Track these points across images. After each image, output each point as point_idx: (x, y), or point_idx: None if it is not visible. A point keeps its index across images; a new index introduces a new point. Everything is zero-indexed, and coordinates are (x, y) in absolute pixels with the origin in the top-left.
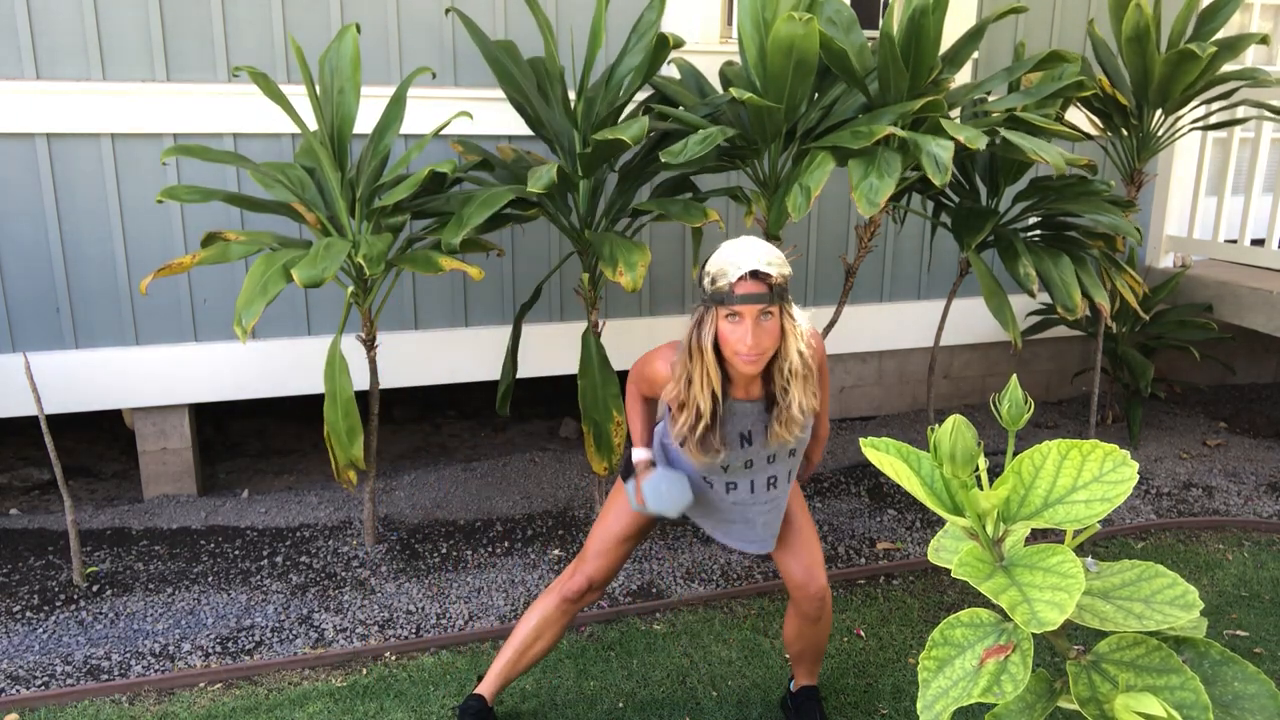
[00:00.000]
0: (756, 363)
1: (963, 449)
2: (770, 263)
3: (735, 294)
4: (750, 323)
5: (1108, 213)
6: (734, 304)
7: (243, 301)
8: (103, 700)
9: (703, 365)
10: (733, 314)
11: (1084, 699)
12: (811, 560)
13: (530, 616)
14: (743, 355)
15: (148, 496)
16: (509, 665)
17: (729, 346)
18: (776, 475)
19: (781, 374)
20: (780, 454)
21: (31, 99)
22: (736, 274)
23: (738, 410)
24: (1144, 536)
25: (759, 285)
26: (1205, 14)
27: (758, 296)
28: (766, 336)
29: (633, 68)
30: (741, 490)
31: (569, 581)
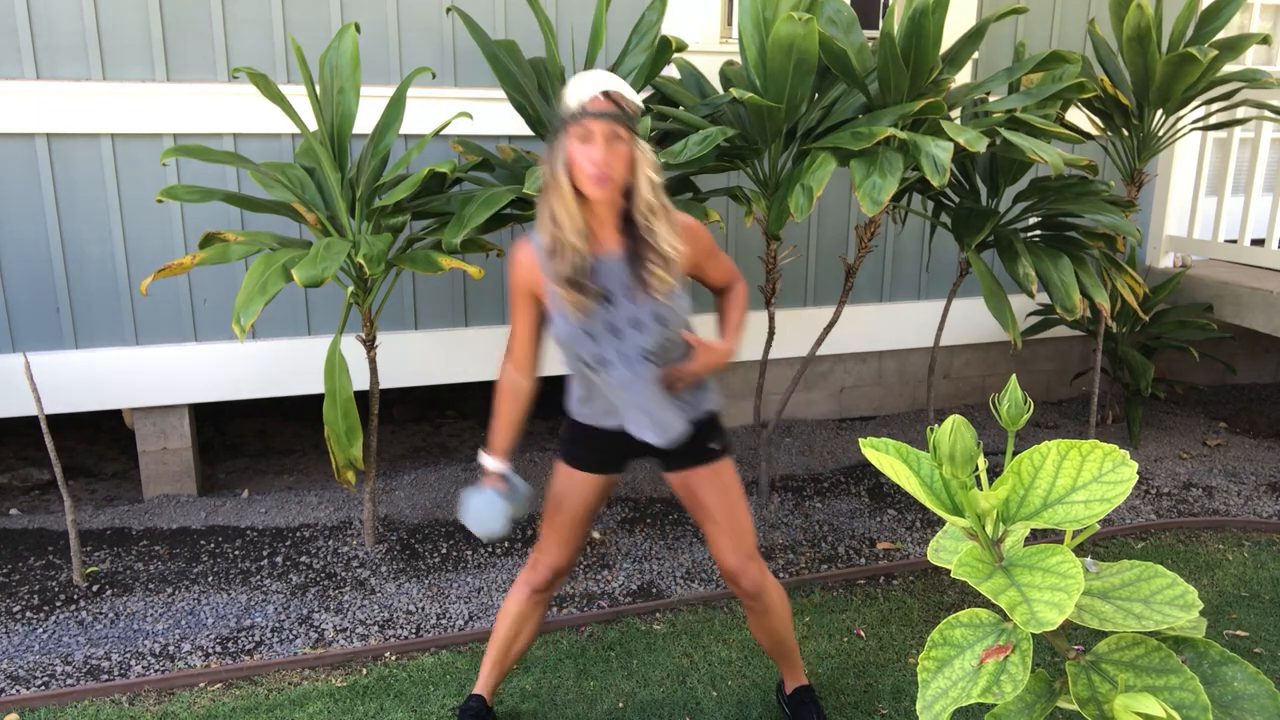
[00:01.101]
0: (606, 186)
1: (962, 449)
2: (624, 88)
3: (587, 110)
4: (601, 141)
5: (1108, 213)
6: (585, 119)
7: (242, 300)
8: (103, 700)
9: (562, 197)
10: (585, 134)
11: (1083, 699)
12: (741, 552)
13: (506, 614)
14: (591, 175)
15: (148, 496)
16: (497, 665)
17: (579, 169)
18: (646, 346)
19: (639, 210)
20: (645, 318)
21: (31, 99)
22: (589, 93)
23: (596, 266)
24: (1144, 536)
25: (609, 105)
26: (1206, 14)
27: (608, 114)
28: (616, 158)
29: (634, 69)
30: (617, 368)
31: (533, 574)
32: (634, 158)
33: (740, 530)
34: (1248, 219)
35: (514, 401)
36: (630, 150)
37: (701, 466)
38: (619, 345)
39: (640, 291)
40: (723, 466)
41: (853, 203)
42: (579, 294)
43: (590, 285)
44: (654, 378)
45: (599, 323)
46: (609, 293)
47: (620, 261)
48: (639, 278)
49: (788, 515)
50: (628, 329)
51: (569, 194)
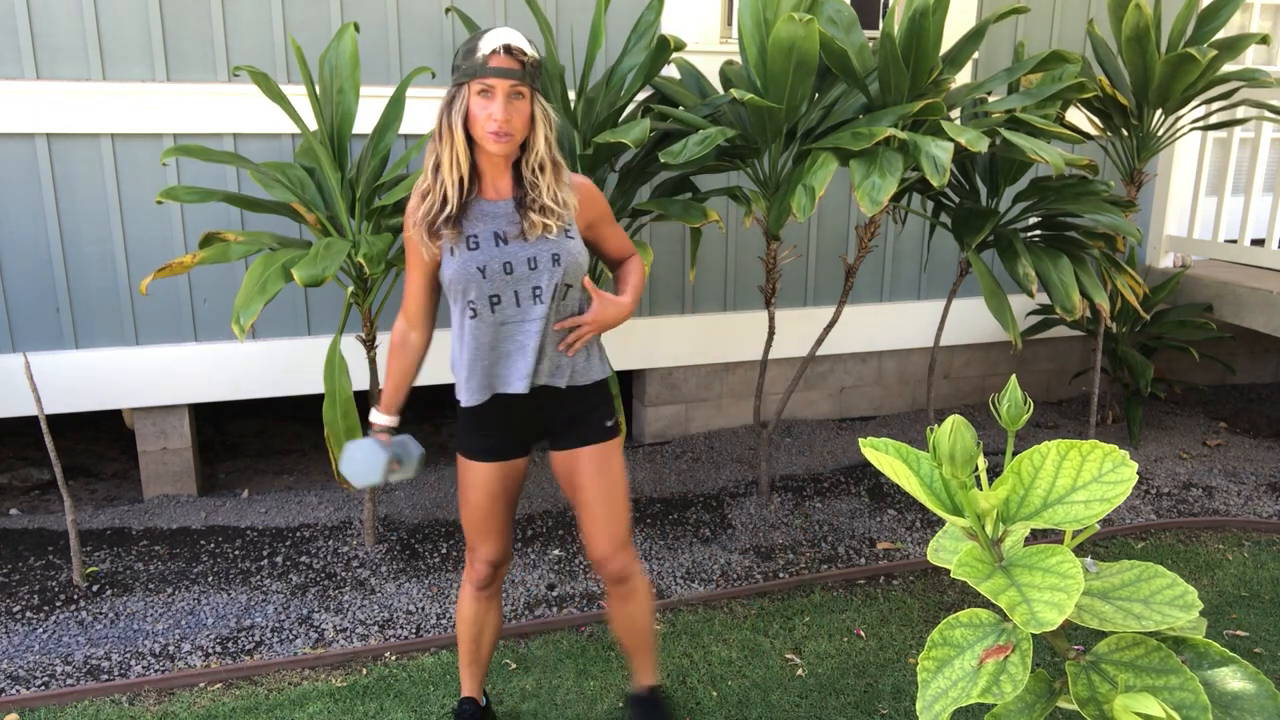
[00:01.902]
0: (505, 142)
1: (962, 449)
2: (525, 43)
3: (489, 66)
4: (502, 98)
5: (1108, 213)
6: (486, 76)
7: (241, 300)
8: (103, 700)
9: (452, 147)
10: (485, 89)
11: (1083, 699)
12: (614, 537)
13: (462, 617)
14: (492, 131)
15: (148, 496)
16: (471, 664)
17: (478, 125)
18: (540, 285)
19: (529, 165)
20: (541, 257)
21: (31, 99)
22: (489, 47)
23: (487, 210)
24: (1144, 536)
25: (512, 61)
26: (1205, 14)
27: (510, 71)
28: (517, 115)
29: (633, 68)
30: (507, 305)
31: (472, 572)
32: (533, 114)
33: (617, 515)
34: (1248, 219)
35: (405, 356)
36: (529, 106)
37: (591, 446)
38: (512, 283)
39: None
40: (611, 447)
41: (853, 203)
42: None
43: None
44: (544, 319)
45: (493, 260)
46: (502, 234)
47: (509, 205)
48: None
49: (788, 515)
50: (523, 267)
51: (460, 143)
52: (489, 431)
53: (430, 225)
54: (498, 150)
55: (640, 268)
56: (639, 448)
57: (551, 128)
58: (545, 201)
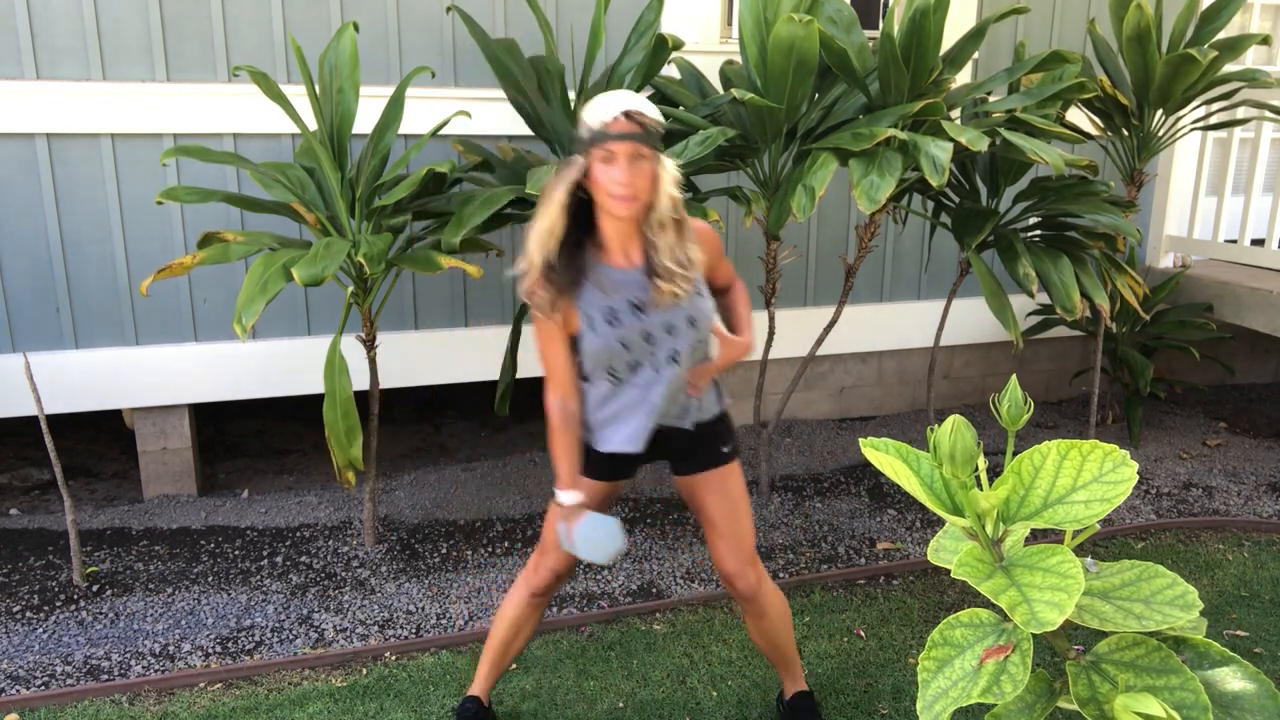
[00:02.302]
0: (630, 205)
1: (962, 449)
2: (645, 106)
3: (610, 131)
4: (624, 162)
5: (1108, 213)
6: (608, 141)
7: (243, 300)
8: (103, 700)
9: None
10: (607, 155)
11: (1083, 699)
12: (741, 556)
13: (504, 614)
14: (616, 196)
15: (148, 496)
16: (493, 666)
17: (603, 189)
18: (678, 349)
19: (650, 225)
20: (679, 322)
21: (31, 99)
22: (611, 114)
23: (619, 279)
24: (1144, 536)
25: (633, 125)
26: (1206, 14)
27: (632, 135)
28: (640, 177)
29: (633, 68)
30: (647, 370)
31: (534, 576)
32: (657, 175)
33: (741, 534)
34: (1248, 219)
35: (571, 428)
36: (653, 168)
37: (711, 470)
38: (652, 350)
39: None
40: (730, 470)
41: (853, 203)
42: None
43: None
44: (676, 379)
45: (634, 331)
46: (639, 303)
47: (642, 273)
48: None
49: (788, 515)
50: (661, 334)
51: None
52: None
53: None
54: (623, 213)
55: (745, 296)
56: None
57: (676, 185)
58: (668, 264)
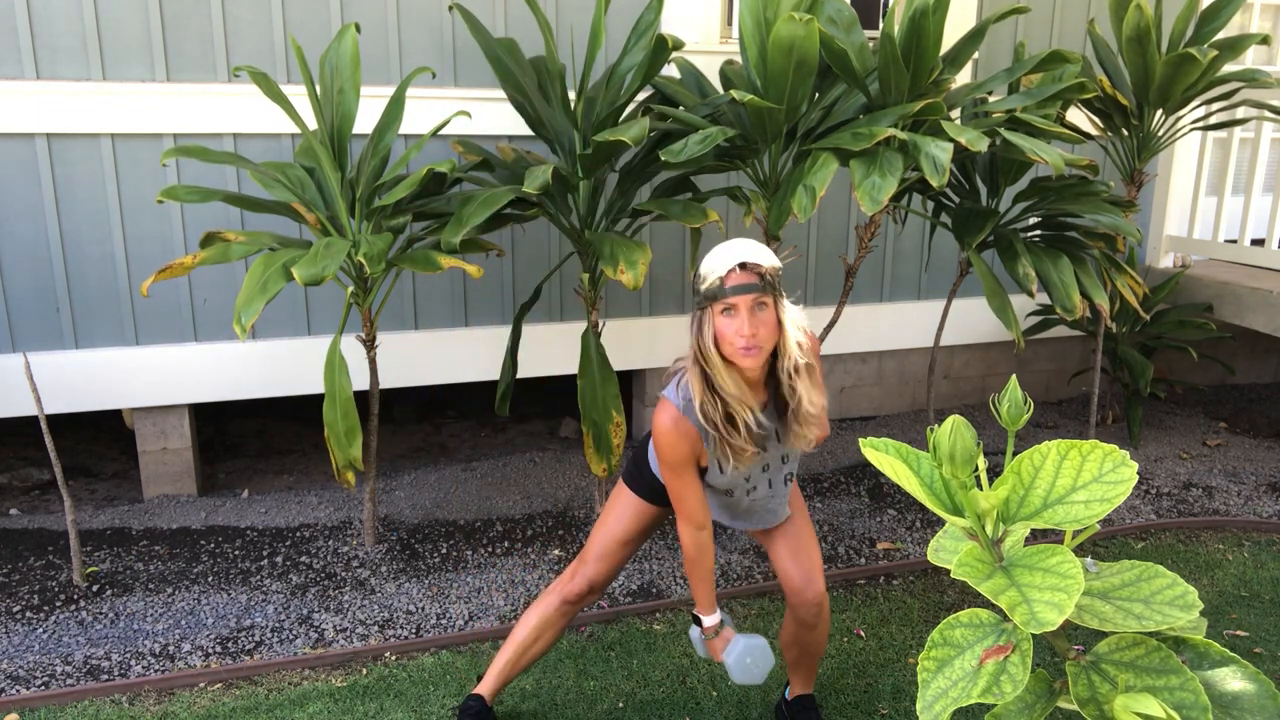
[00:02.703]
0: (756, 355)
1: (962, 449)
2: (760, 254)
3: (727, 286)
4: (745, 313)
5: (1108, 213)
6: (727, 296)
7: (242, 300)
8: (103, 700)
9: (718, 370)
10: (728, 308)
11: (1083, 699)
12: (810, 565)
13: (529, 617)
14: (741, 347)
15: (148, 496)
16: (508, 666)
17: (726, 342)
18: (790, 472)
19: (785, 371)
20: (793, 454)
21: (31, 99)
22: (726, 267)
23: None
24: (1144, 536)
25: (750, 276)
26: (1206, 14)
27: (749, 286)
28: (763, 326)
29: (633, 68)
30: (761, 491)
31: (569, 584)
32: (779, 321)
33: (808, 544)
34: (1248, 219)
35: (706, 557)
36: (775, 315)
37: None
38: (768, 475)
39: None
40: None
41: (853, 203)
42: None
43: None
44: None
45: (755, 468)
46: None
47: (769, 412)
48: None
49: None
50: (776, 463)
51: (721, 366)
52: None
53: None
54: (750, 365)
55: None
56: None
57: (801, 330)
58: (805, 409)
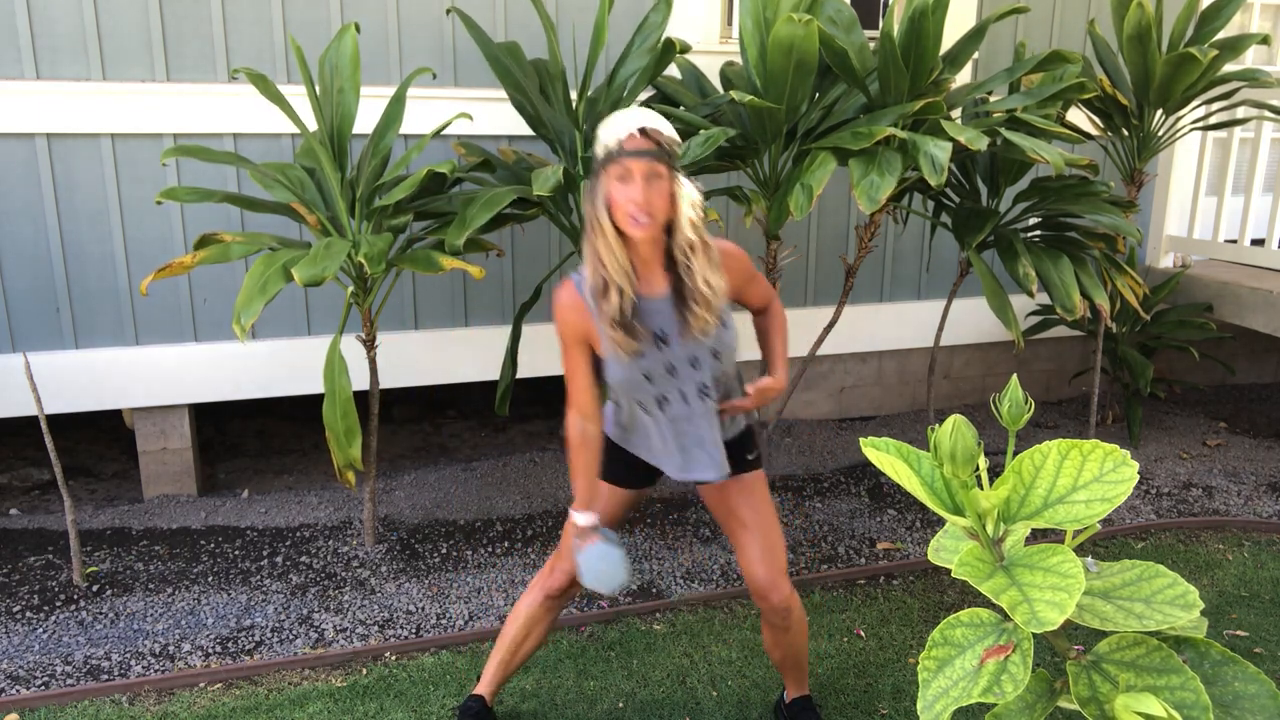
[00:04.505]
0: (647, 226)
1: (963, 449)
2: (661, 124)
3: (625, 149)
4: (640, 180)
5: (1108, 213)
6: (624, 159)
7: (242, 300)
8: (103, 700)
9: (605, 237)
10: (623, 173)
11: (1084, 699)
12: (774, 566)
13: (517, 616)
14: (632, 213)
15: (148, 496)
16: (502, 665)
17: (619, 209)
18: (704, 382)
19: (680, 249)
20: (702, 355)
21: (31, 99)
22: (626, 131)
23: (645, 308)
24: (1144, 536)
25: (648, 143)
26: (1206, 14)
27: (646, 152)
28: (657, 196)
29: (636, 70)
30: (675, 405)
31: (549, 579)
32: (674, 194)
33: (773, 544)
34: (1248, 219)
35: (589, 450)
36: (670, 186)
37: (737, 477)
38: (677, 383)
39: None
40: (757, 478)
41: (853, 203)
42: (628, 336)
43: (639, 326)
44: (712, 411)
45: (656, 364)
46: (662, 334)
47: (668, 302)
48: (685, 318)
49: (788, 515)
50: (685, 367)
51: (611, 234)
52: (630, 462)
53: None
54: (639, 234)
55: (783, 323)
56: None
57: (695, 206)
58: (700, 288)
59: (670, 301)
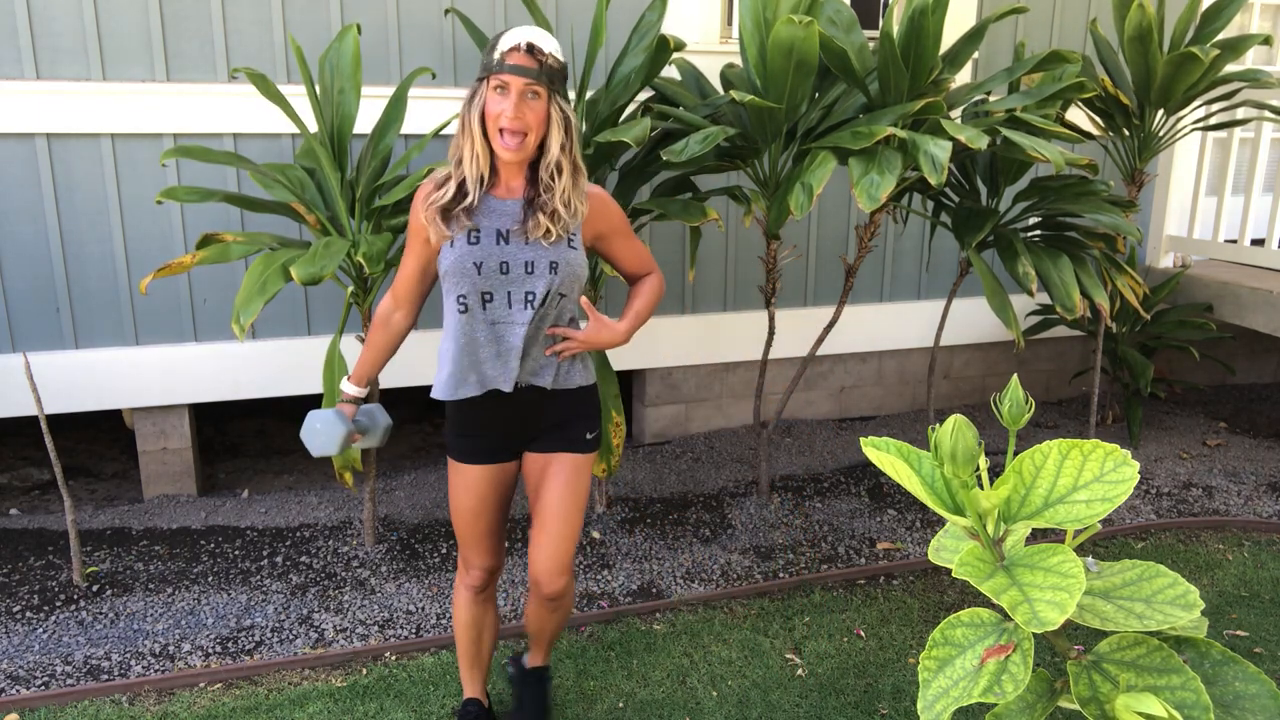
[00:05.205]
0: (517, 145)
1: (964, 448)
2: (550, 44)
3: (506, 63)
4: (515, 96)
5: (1108, 213)
6: (502, 73)
7: (241, 300)
8: (103, 700)
9: (472, 143)
10: (501, 85)
11: (1085, 699)
12: (558, 559)
13: (459, 620)
14: (504, 127)
15: (148, 496)
16: (473, 665)
17: (492, 121)
18: (534, 291)
19: (546, 167)
20: (539, 262)
21: (31, 99)
22: (510, 44)
23: (495, 207)
24: (1144, 536)
25: (530, 60)
26: (1207, 14)
27: (526, 70)
28: (530, 113)
29: (634, 69)
30: (498, 304)
31: (465, 577)
32: (548, 115)
33: (567, 536)
34: (1248, 219)
35: (385, 333)
36: (545, 107)
37: (566, 454)
38: (506, 283)
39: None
40: (584, 461)
41: (853, 203)
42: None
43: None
44: (530, 325)
45: (491, 257)
46: (504, 231)
47: (519, 204)
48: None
49: (788, 515)
50: (520, 271)
51: (479, 139)
52: (475, 430)
53: (444, 212)
54: (507, 153)
55: (653, 290)
56: (639, 448)
57: (570, 132)
58: (557, 205)
59: (521, 204)
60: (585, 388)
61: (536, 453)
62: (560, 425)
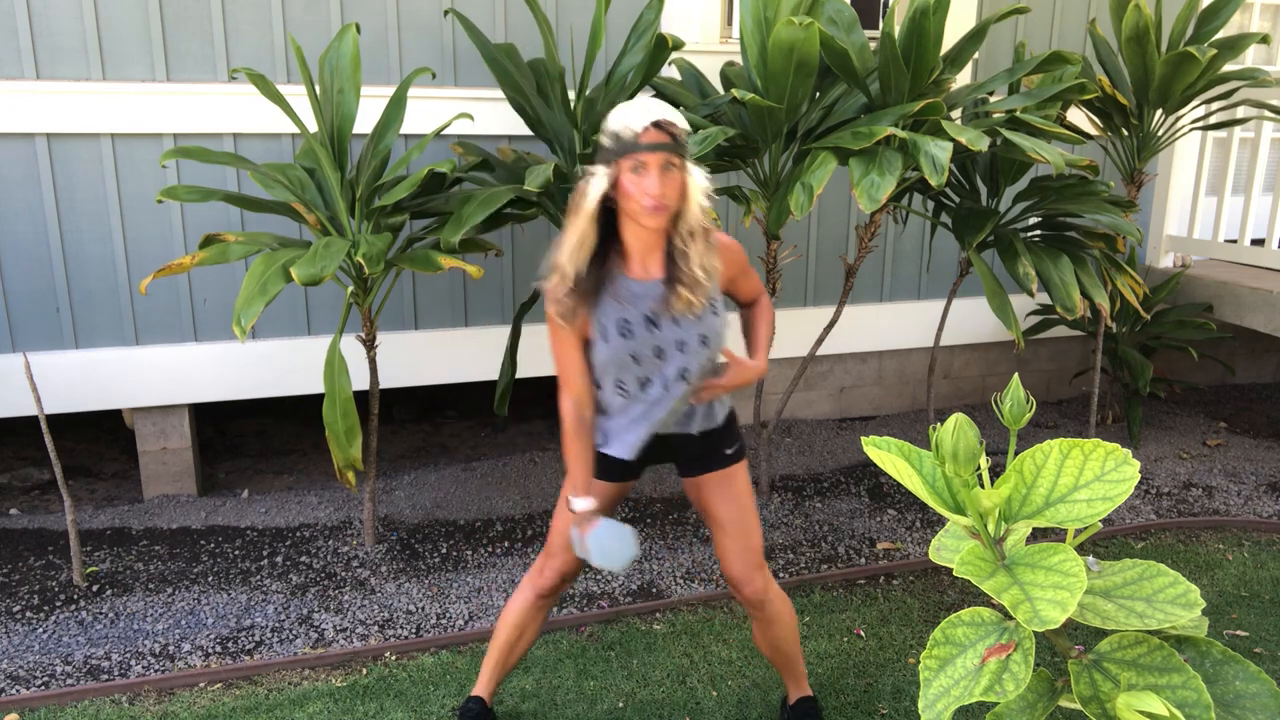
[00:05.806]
0: (660, 215)
1: (965, 448)
2: (675, 115)
3: (641, 142)
4: (655, 172)
5: (1108, 213)
6: (639, 152)
7: (242, 301)
8: (103, 700)
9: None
10: (638, 165)
11: (1086, 698)
12: (749, 561)
13: (509, 615)
14: (647, 205)
15: (148, 496)
16: (498, 666)
17: (632, 200)
18: (688, 367)
19: (680, 235)
20: (690, 340)
21: (31, 99)
22: (642, 124)
23: (636, 291)
24: (1144, 536)
25: (663, 135)
26: (1206, 14)
27: (663, 145)
28: (671, 187)
29: (633, 68)
30: (656, 386)
31: (539, 578)
32: (685, 184)
33: (749, 538)
34: (1248, 219)
35: (585, 435)
36: (683, 177)
37: (715, 471)
38: (662, 366)
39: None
40: (736, 472)
41: (853, 203)
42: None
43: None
44: (683, 396)
45: (645, 346)
46: (653, 316)
47: (659, 284)
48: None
49: (788, 515)
50: (673, 351)
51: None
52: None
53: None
54: (653, 224)
55: (769, 315)
56: None
57: (705, 195)
58: (694, 271)
59: (662, 285)
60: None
61: (688, 478)
62: (701, 452)
